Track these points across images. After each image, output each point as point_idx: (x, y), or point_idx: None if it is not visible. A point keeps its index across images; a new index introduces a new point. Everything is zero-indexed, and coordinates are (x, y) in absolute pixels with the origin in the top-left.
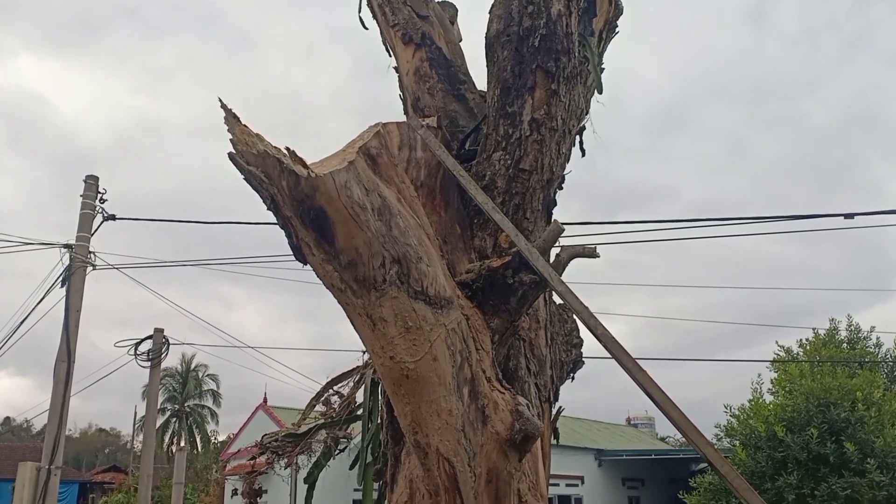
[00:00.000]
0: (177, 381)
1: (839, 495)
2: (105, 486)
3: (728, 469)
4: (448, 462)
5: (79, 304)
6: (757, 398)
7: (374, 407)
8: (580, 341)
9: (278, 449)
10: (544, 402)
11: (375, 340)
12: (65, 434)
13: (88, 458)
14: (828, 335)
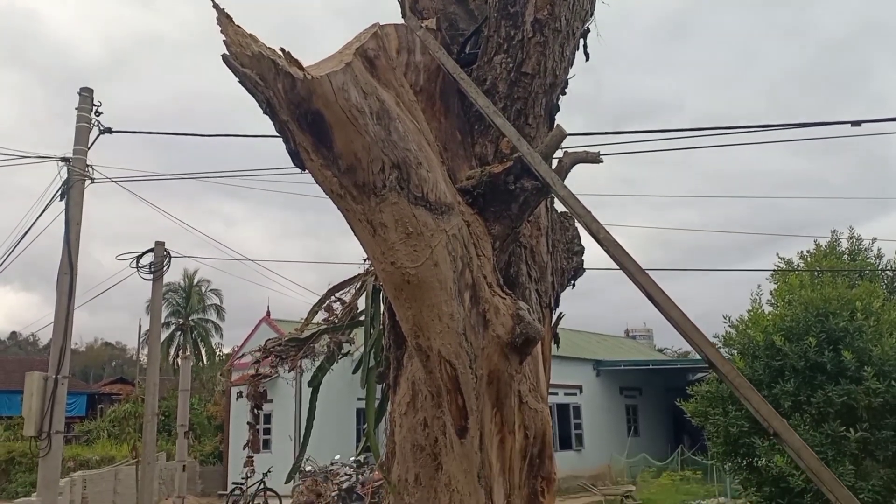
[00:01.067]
0: (180, 295)
1: (835, 402)
2: (113, 398)
3: (729, 368)
4: (449, 364)
5: (78, 218)
6: (756, 309)
7: (375, 313)
8: (581, 249)
9: (282, 353)
10: (545, 308)
11: (376, 246)
12: (70, 345)
13: (95, 371)
14: (829, 247)
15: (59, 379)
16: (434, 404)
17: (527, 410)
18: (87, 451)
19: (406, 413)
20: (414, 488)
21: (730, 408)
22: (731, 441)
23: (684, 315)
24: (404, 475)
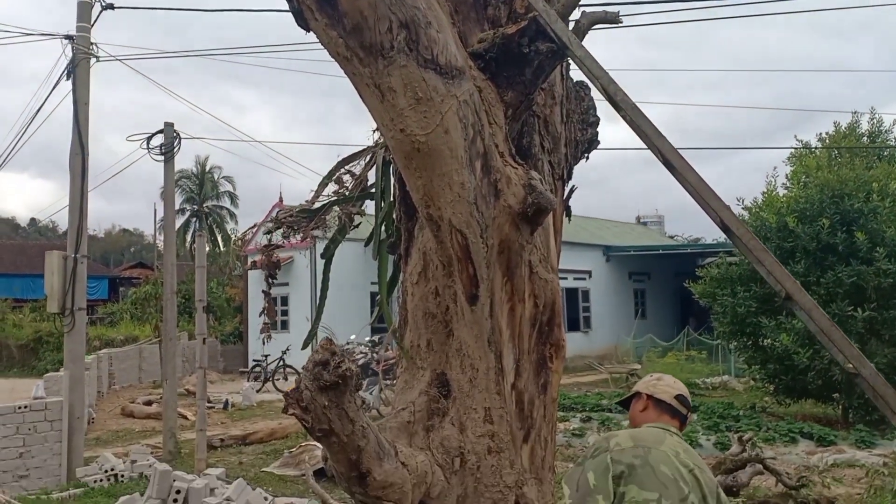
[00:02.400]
0: (193, 182)
1: (844, 283)
2: (133, 281)
3: (744, 231)
4: (461, 234)
5: (86, 98)
6: (770, 191)
7: (386, 186)
8: (596, 120)
9: (293, 224)
10: (557, 180)
11: (385, 113)
12: (86, 225)
13: (115, 256)
14: (849, 128)
15: (78, 258)
16: (445, 273)
17: (537, 280)
18: (111, 331)
19: (418, 282)
20: (426, 353)
21: (738, 288)
22: (737, 321)
23: (701, 179)
24: (416, 341)
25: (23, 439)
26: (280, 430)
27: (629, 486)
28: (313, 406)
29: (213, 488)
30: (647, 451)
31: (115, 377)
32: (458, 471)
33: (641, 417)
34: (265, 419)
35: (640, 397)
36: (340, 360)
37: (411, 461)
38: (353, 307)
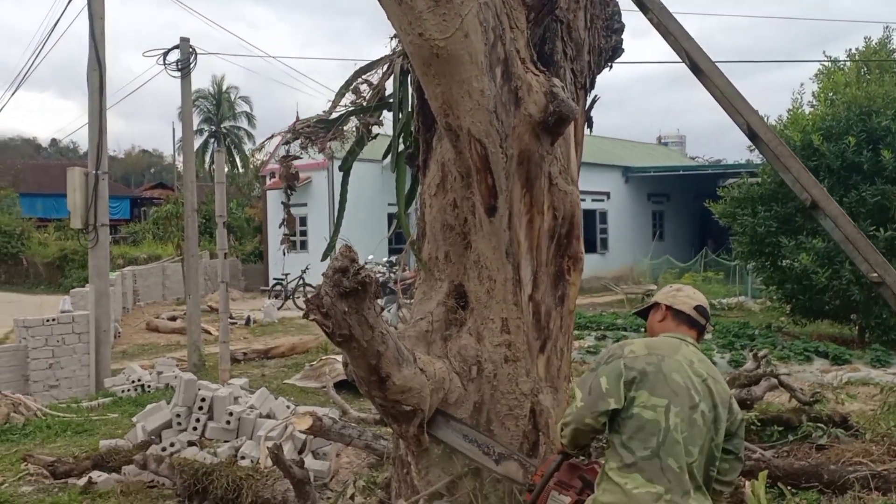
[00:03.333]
0: (210, 102)
1: (868, 202)
2: (154, 201)
3: (771, 136)
4: (479, 143)
5: (102, 11)
6: (796, 109)
7: (403, 96)
8: (621, 26)
9: (311, 134)
10: (580, 89)
11: (403, 16)
12: (106, 141)
13: (136, 177)
14: (880, 44)
15: (99, 174)
16: (463, 185)
17: (556, 192)
18: (134, 250)
19: (436, 194)
20: (444, 265)
21: (759, 208)
22: (757, 241)
23: (729, 82)
24: (434, 253)
25: (52, 351)
26: (301, 344)
27: (640, 392)
28: (333, 312)
29: (237, 397)
30: (660, 359)
31: (140, 294)
32: (475, 378)
33: (659, 328)
34: (286, 335)
35: (659, 308)
36: (360, 266)
37: (429, 368)
38: (370, 228)
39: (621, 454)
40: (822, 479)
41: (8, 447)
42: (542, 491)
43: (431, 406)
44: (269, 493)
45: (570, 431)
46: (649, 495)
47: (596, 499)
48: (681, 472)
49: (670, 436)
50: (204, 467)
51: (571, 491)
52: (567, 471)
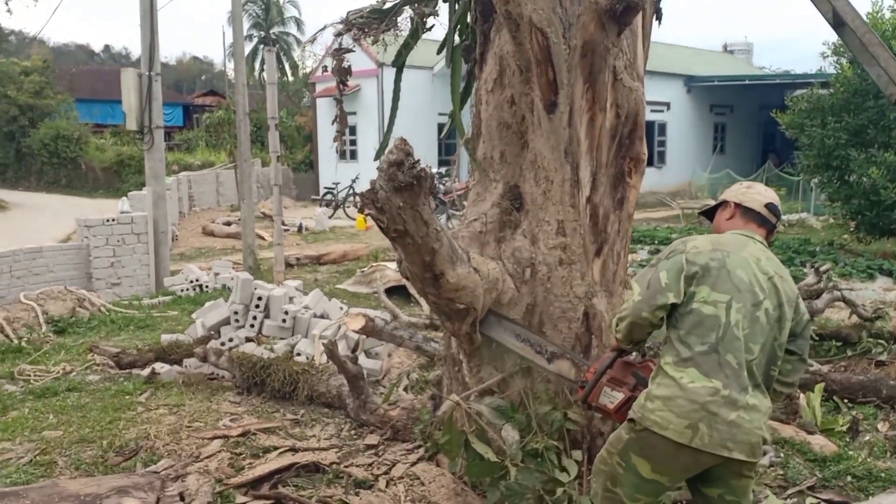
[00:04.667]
0: (259, 6)
1: None
2: (205, 108)
3: (860, 24)
4: (541, 33)
5: None
6: (875, 13)
7: None
8: None
9: (364, 25)
10: None
11: None
12: (158, 42)
13: (187, 84)
14: None
15: (153, 76)
16: (522, 80)
17: (620, 88)
18: (188, 156)
19: (493, 90)
20: (499, 166)
21: (829, 119)
22: (825, 153)
23: None
24: (489, 153)
25: (113, 250)
26: (352, 252)
27: (700, 287)
28: (388, 206)
29: (292, 297)
30: (725, 255)
31: (195, 200)
32: (528, 281)
33: (727, 226)
34: (337, 242)
35: (728, 205)
36: (415, 160)
37: (483, 267)
38: (420, 137)
39: (678, 349)
40: (880, 393)
41: (75, 339)
42: (595, 387)
43: (484, 306)
44: (324, 387)
45: (626, 326)
46: (705, 389)
47: (650, 392)
48: (739, 369)
49: (730, 332)
50: (261, 361)
51: (624, 387)
52: (620, 368)
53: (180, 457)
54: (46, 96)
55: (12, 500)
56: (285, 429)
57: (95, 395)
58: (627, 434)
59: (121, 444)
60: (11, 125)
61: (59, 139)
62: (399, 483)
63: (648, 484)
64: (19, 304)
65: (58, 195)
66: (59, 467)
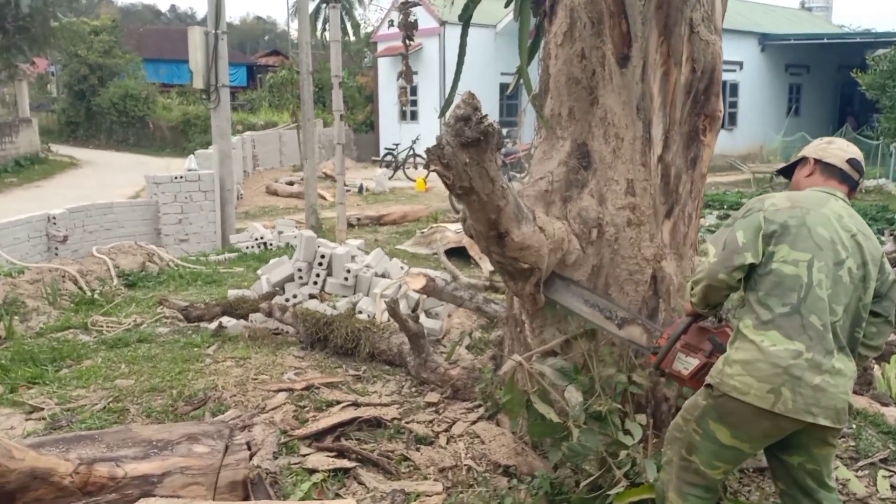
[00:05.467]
0: None
1: None
2: (269, 69)
3: None
4: None
5: None
6: None
7: None
8: None
9: None
10: None
11: None
12: (224, 1)
13: (251, 44)
14: None
15: (219, 34)
16: (594, 32)
17: (696, 41)
18: (251, 117)
19: (562, 44)
20: (567, 122)
21: None
22: None
23: None
24: (557, 109)
25: (181, 207)
26: (412, 213)
27: (780, 246)
28: (454, 162)
29: (354, 256)
30: (804, 212)
31: (259, 159)
32: (594, 241)
33: (806, 183)
34: (397, 204)
35: (807, 162)
36: (483, 115)
37: (549, 227)
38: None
39: (757, 311)
40: None
41: (145, 292)
42: (668, 353)
43: (549, 266)
44: (385, 345)
45: (702, 289)
46: (787, 352)
47: (728, 357)
48: (824, 331)
49: (812, 292)
50: (324, 318)
51: (700, 353)
52: (695, 333)
53: (246, 408)
54: (115, 56)
55: (88, 443)
56: (347, 384)
57: (165, 347)
58: (705, 400)
59: (189, 394)
60: (82, 84)
61: (128, 98)
62: (459, 440)
63: (727, 451)
64: (92, 258)
65: (126, 153)
66: (130, 414)
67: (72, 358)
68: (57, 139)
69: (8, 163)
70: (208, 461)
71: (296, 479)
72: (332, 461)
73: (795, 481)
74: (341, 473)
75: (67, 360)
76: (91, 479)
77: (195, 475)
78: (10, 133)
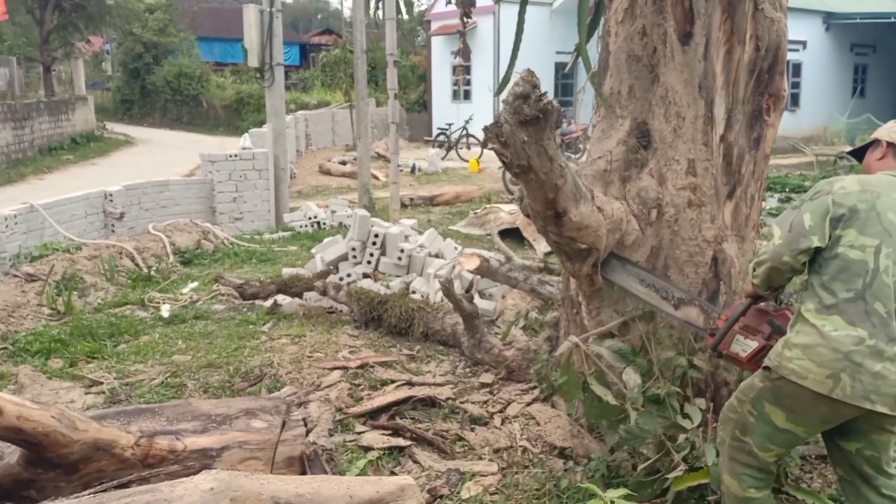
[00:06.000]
0: None
1: None
2: (322, 47)
3: None
4: None
5: None
6: None
7: None
8: None
9: None
10: None
11: None
12: None
13: (304, 23)
14: None
15: (273, 12)
16: (655, 9)
17: (761, 18)
18: (304, 96)
19: (623, 21)
20: (626, 101)
21: None
22: None
23: None
24: (617, 88)
25: (235, 185)
26: (465, 193)
27: (847, 231)
28: (513, 141)
29: (408, 235)
30: (875, 197)
31: (311, 139)
32: (653, 222)
33: (878, 166)
34: (450, 184)
35: (879, 144)
36: (542, 93)
37: (607, 207)
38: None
39: (821, 295)
40: None
41: (200, 270)
42: (726, 334)
43: (607, 246)
44: (439, 325)
45: (765, 270)
46: (849, 339)
47: (788, 340)
48: (888, 318)
49: (878, 278)
50: (378, 297)
51: (758, 336)
52: (755, 315)
53: (302, 385)
54: (169, 34)
55: (149, 416)
56: (401, 363)
57: (221, 324)
58: (761, 382)
59: (246, 371)
60: (136, 62)
61: (182, 76)
62: (514, 422)
63: (782, 434)
64: (148, 235)
65: (180, 131)
66: (188, 389)
67: (129, 333)
68: (112, 117)
69: (64, 140)
70: (266, 436)
71: (351, 457)
72: (388, 439)
73: (854, 467)
74: (396, 452)
75: (125, 335)
76: (151, 452)
77: (253, 450)
78: (67, 111)
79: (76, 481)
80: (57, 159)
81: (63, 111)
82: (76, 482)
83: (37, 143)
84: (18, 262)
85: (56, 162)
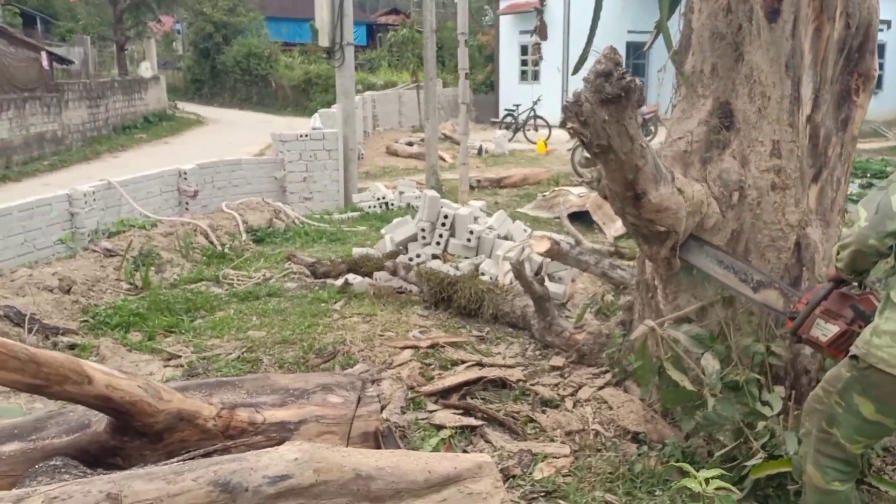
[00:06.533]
0: None
1: None
2: (389, 27)
3: None
4: None
5: None
6: None
7: None
8: None
9: None
10: None
11: None
12: None
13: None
14: None
15: None
16: None
17: None
18: (371, 76)
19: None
20: (709, 80)
21: None
22: None
23: None
24: (699, 66)
25: (305, 165)
26: (532, 175)
27: None
28: (593, 120)
29: (477, 217)
30: None
31: (379, 120)
32: (735, 205)
33: None
34: (517, 166)
35: None
36: (624, 71)
37: (687, 189)
38: None
39: None
40: None
41: (272, 248)
42: (807, 318)
43: (686, 229)
44: (509, 307)
45: (850, 254)
46: None
47: (876, 327)
48: None
49: None
50: (448, 278)
51: (840, 320)
52: (836, 299)
53: (374, 363)
54: (239, 14)
55: (229, 388)
56: (471, 344)
57: (293, 301)
58: (849, 372)
59: (319, 347)
60: (207, 42)
61: (251, 57)
62: (586, 405)
63: (871, 426)
64: (221, 213)
65: (249, 111)
66: (263, 364)
67: (205, 309)
68: (182, 97)
69: (137, 119)
70: (342, 411)
71: (423, 434)
72: (459, 418)
73: None
74: (468, 431)
75: (201, 310)
76: (232, 424)
77: (329, 424)
78: (140, 90)
79: (160, 450)
80: (130, 138)
81: (136, 91)
82: (160, 451)
83: (111, 121)
84: (97, 237)
85: (130, 140)
